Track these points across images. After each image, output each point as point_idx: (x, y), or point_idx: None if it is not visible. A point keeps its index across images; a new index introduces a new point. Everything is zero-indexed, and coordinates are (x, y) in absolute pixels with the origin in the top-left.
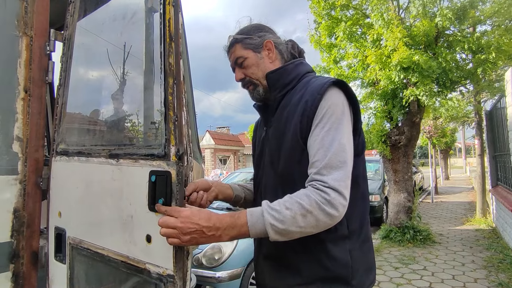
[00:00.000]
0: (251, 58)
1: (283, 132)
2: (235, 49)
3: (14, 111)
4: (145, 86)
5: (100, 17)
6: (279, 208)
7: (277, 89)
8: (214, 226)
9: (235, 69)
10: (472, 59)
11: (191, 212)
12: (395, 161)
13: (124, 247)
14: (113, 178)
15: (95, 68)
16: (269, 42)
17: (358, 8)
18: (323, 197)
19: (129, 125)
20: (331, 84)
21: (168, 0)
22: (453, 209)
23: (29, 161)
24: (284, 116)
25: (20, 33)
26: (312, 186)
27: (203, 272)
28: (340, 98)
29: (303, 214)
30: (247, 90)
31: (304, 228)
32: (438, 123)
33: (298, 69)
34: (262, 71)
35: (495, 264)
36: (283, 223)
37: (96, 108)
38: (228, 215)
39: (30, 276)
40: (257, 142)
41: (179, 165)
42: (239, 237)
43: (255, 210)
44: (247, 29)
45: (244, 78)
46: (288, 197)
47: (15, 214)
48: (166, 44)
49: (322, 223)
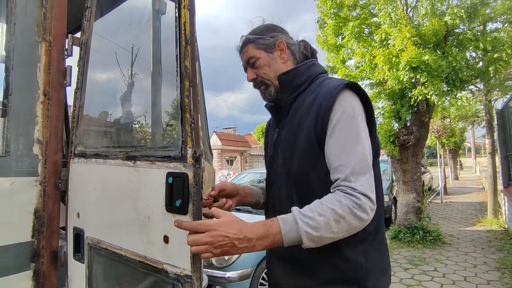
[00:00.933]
0: (263, 58)
1: (296, 134)
2: (248, 49)
3: (35, 115)
4: (161, 88)
5: (114, 20)
6: (312, 215)
7: (290, 91)
8: (245, 238)
9: (247, 69)
10: (483, 58)
11: (218, 224)
12: (403, 161)
13: (141, 248)
14: (130, 179)
15: (110, 71)
16: (282, 42)
17: (365, 7)
18: (354, 201)
19: (145, 127)
20: (344, 86)
21: (184, 4)
22: (463, 210)
23: (49, 163)
24: (297, 118)
25: (39, 38)
26: (341, 191)
27: (213, 272)
28: (354, 101)
29: (336, 219)
30: (258, 90)
31: (337, 233)
32: (446, 123)
33: (311, 70)
34: (274, 72)
35: (508, 265)
36: (318, 230)
37: (105, 111)
38: (260, 224)
39: (50, 274)
40: (269, 143)
41: (196, 167)
42: (272, 246)
43: (287, 218)
44: (259, 29)
45: (256, 78)
46: (319, 202)
47: (35, 215)
48: (182, 47)
49: (354, 228)
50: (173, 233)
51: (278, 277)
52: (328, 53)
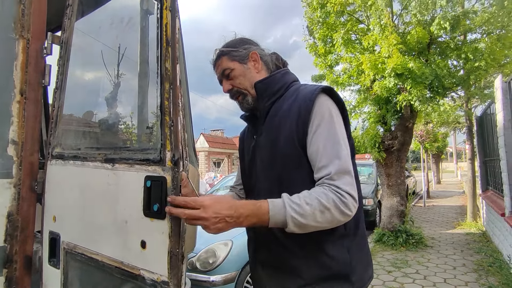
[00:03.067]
0: (238, 69)
1: (276, 137)
2: (222, 61)
3: (10, 114)
4: (141, 90)
5: (96, 19)
6: (300, 203)
7: (266, 98)
8: (236, 213)
9: (222, 81)
10: (464, 66)
11: (212, 200)
12: (388, 166)
13: (118, 253)
14: (109, 182)
15: (90, 71)
16: (255, 53)
17: (352, 13)
18: (339, 197)
19: (125, 129)
20: (321, 91)
21: (166, 5)
22: (444, 213)
23: (24, 165)
24: (276, 123)
25: (16, 35)
26: (327, 186)
27: (197, 276)
28: (331, 104)
29: (321, 210)
30: (236, 101)
31: (321, 223)
32: (429, 128)
33: (285, 78)
34: (249, 81)
35: (485, 267)
36: (303, 217)
37: (90, 110)
38: (250, 203)
39: (23, 281)
40: (245, 151)
41: (174, 170)
42: (258, 224)
43: (276, 201)
44: (233, 42)
45: (232, 89)
46: (307, 193)
47: (9, 218)
48: (163, 48)
49: (336, 220)
50: (150, 238)
51: (265, 283)
52: (316, 58)
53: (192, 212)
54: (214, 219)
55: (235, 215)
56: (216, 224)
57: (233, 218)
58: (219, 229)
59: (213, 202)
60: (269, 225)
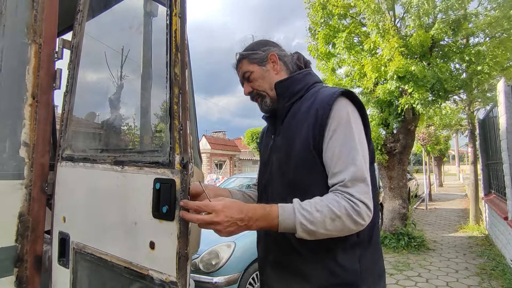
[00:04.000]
0: (257, 72)
1: (293, 139)
2: (242, 64)
3: (22, 117)
4: (151, 92)
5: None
6: (310, 210)
7: (286, 98)
8: (246, 216)
9: (244, 84)
10: (466, 70)
11: (223, 205)
12: (390, 168)
13: (127, 253)
14: (118, 184)
15: (101, 74)
16: (273, 55)
17: (355, 16)
18: (352, 206)
19: (134, 132)
20: (340, 94)
21: (175, 12)
22: (447, 216)
23: (35, 166)
24: (294, 125)
25: (29, 40)
26: (340, 193)
27: (200, 277)
28: (350, 108)
29: (332, 218)
30: (256, 102)
31: (330, 231)
32: (431, 131)
33: (306, 79)
34: (268, 83)
35: (488, 271)
36: (313, 224)
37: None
38: (260, 206)
39: (33, 280)
40: (263, 150)
41: (183, 173)
42: (267, 228)
43: (286, 207)
44: (252, 46)
45: (251, 91)
46: (319, 199)
47: (20, 219)
48: (172, 54)
49: (347, 229)
50: (159, 239)
51: (273, 283)
52: (318, 61)
53: (205, 217)
54: (226, 223)
55: (245, 218)
56: (228, 228)
57: (244, 221)
58: (231, 233)
59: (225, 206)
60: (278, 230)
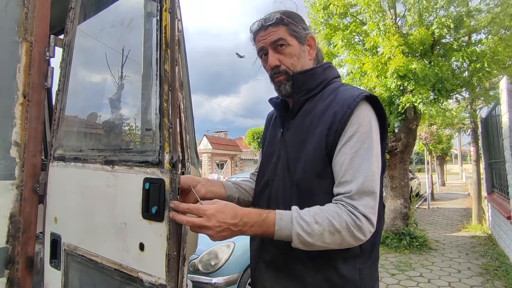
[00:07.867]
0: (295, 47)
1: (305, 139)
2: (279, 29)
3: (13, 116)
4: (142, 92)
5: (99, 22)
6: (309, 220)
7: (302, 92)
8: (240, 221)
9: (269, 52)
10: (468, 67)
11: (216, 209)
12: (391, 168)
13: (117, 255)
14: (108, 184)
15: (94, 73)
16: (312, 37)
17: (355, 15)
18: (354, 220)
19: (125, 131)
20: (363, 98)
21: (165, 7)
22: (449, 216)
23: (27, 166)
24: (307, 123)
25: (20, 38)
26: (343, 206)
27: (199, 278)
28: (371, 116)
29: (331, 232)
30: (274, 80)
31: (329, 244)
32: (433, 130)
33: (326, 74)
34: (301, 65)
35: (491, 271)
36: (310, 236)
37: (94, 112)
38: (256, 212)
39: (25, 282)
40: (268, 140)
41: (172, 172)
42: (262, 235)
43: (284, 215)
44: (294, 15)
45: (279, 66)
46: (319, 209)
47: (11, 220)
48: (162, 50)
49: (347, 243)
50: (149, 240)
51: (266, 283)
52: None
53: (195, 220)
54: (217, 228)
55: (240, 224)
56: (220, 233)
57: (238, 227)
58: (224, 237)
59: (217, 211)
60: (274, 237)
